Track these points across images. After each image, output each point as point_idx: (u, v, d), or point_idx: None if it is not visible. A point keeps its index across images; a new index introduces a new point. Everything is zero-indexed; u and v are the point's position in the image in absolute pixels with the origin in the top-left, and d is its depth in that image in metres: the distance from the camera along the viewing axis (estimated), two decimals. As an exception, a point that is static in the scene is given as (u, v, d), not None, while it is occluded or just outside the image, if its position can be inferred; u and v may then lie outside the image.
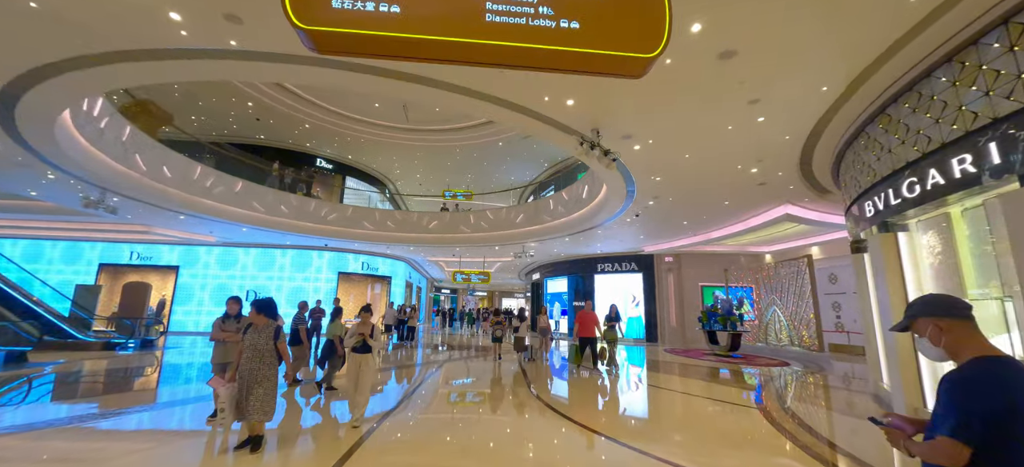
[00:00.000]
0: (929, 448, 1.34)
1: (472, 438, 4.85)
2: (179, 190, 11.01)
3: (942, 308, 1.45)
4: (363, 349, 5.04)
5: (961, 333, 1.41)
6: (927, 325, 1.46)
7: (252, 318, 4.15)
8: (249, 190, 13.26)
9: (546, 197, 14.36)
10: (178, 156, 10.97)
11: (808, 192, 8.74)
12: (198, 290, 17.15)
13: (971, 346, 1.38)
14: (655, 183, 8.34)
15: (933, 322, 1.45)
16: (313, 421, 5.50)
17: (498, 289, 42.77)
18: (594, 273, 18.88)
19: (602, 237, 14.38)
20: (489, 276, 18.64)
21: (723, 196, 9.18)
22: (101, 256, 17.10)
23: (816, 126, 5.94)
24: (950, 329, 1.42)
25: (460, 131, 16.46)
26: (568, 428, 5.19)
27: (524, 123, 6.21)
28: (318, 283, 17.84)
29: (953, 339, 1.41)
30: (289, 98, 14.33)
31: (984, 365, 1.33)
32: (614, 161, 6.03)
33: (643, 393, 7.50)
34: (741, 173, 7.72)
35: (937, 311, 1.45)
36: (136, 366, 9.18)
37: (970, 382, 1.31)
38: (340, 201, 18.32)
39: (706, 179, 8.13)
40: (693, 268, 17.13)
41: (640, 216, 11.04)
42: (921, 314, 1.49)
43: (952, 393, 1.32)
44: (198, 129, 16.93)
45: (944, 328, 1.42)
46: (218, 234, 15.52)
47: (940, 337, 1.43)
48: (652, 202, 9.74)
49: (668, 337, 16.82)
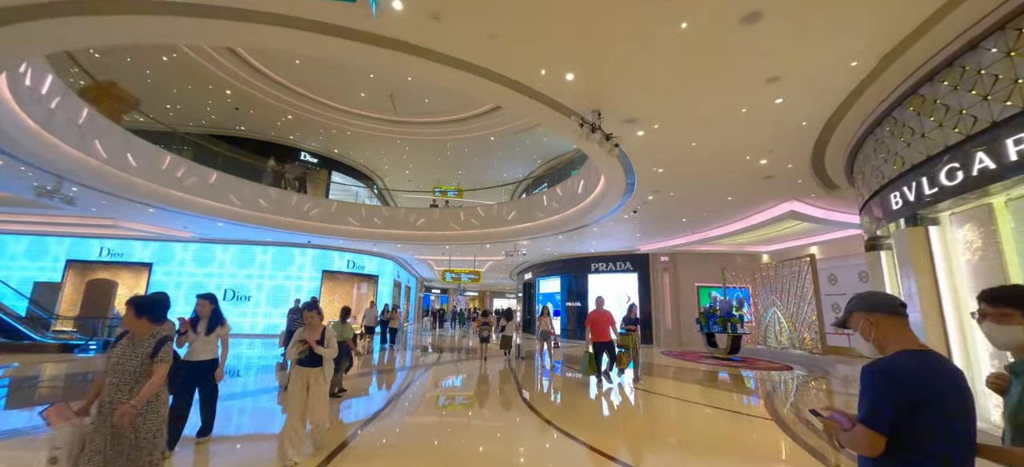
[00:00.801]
0: (850, 437, 1.38)
1: (453, 447, 4.24)
2: (146, 180, 10.22)
3: (873, 304, 1.51)
4: (310, 362, 3.93)
5: (889, 328, 1.46)
6: (859, 320, 1.53)
7: (127, 323, 2.65)
8: (224, 182, 12.48)
9: (539, 193, 13.78)
10: (144, 143, 10.17)
11: (816, 187, 8.28)
12: (172, 289, 16.22)
13: (897, 340, 1.44)
14: (657, 175, 7.81)
15: (865, 317, 1.51)
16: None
17: (489, 289, 42.14)
18: (588, 273, 18.36)
19: (597, 235, 13.85)
20: (479, 275, 18.03)
21: (727, 191, 8.69)
22: (69, 252, 16.10)
23: (837, 110, 5.44)
24: (879, 324, 1.48)
25: (450, 125, 15.81)
26: (569, 449, 4.60)
27: (520, 103, 5.62)
28: (301, 282, 17.07)
29: (882, 334, 1.47)
30: (270, 86, 13.57)
31: (901, 357, 1.37)
32: (616, 147, 5.46)
33: (644, 400, 6.95)
34: (749, 165, 7.21)
35: (869, 307, 1.52)
36: (82, 371, 8.39)
37: (884, 372, 1.35)
38: (326, 197, 17.54)
39: (712, 171, 7.62)
40: (689, 268, 16.69)
41: (638, 212, 10.52)
42: (856, 310, 1.55)
43: (867, 382, 1.36)
44: (175, 119, 16.08)
45: (874, 323, 1.49)
46: (194, 230, 14.69)
47: (870, 331, 1.49)
48: (652, 197, 9.22)
49: (663, 339, 16.36)
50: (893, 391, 1.30)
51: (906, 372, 1.32)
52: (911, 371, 1.32)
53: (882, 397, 1.31)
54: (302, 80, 13.22)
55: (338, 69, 12.42)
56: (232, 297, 16.40)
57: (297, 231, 14.26)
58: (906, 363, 1.35)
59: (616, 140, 5.45)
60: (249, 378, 8.16)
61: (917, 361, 1.35)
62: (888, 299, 1.52)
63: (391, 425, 5.20)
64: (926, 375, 1.31)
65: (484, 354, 11.67)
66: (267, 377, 8.29)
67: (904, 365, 1.34)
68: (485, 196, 18.62)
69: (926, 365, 1.34)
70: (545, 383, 8.61)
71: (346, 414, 5.64)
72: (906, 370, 1.33)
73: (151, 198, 10.64)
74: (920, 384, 1.29)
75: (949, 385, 1.31)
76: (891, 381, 1.32)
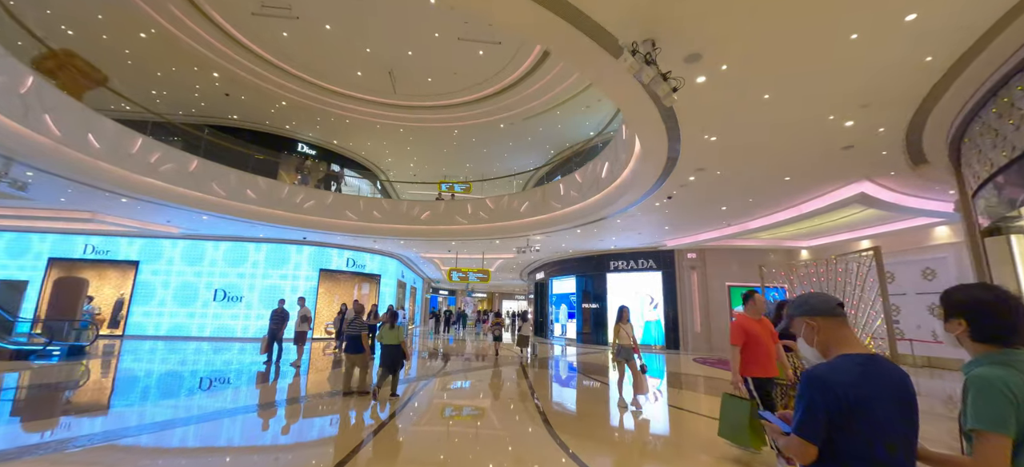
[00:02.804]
0: (787, 442, 1.32)
1: None
2: (112, 164, 9.03)
3: (811, 307, 1.44)
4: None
5: (830, 331, 1.40)
6: (801, 324, 1.46)
7: None
8: (206, 170, 11.28)
9: (556, 181, 12.36)
10: (108, 123, 8.98)
11: (902, 161, 6.76)
12: (160, 288, 15.16)
13: (838, 344, 1.38)
14: (706, 147, 6.35)
15: (805, 321, 1.45)
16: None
17: (498, 290, 40.74)
18: (606, 271, 16.87)
19: (620, 228, 12.38)
20: (488, 274, 16.63)
21: (788, 168, 7.18)
22: (51, 250, 15.11)
23: (976, 43, 3.96)
24: (820, 328, 1.41)
25: (456, 109, 14.48)
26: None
27: (551, 31, 4.19)
28: (297, 282, 15.84)
29: (823, 337, 1.41)
30: (258, 65, 12.36)
31: (838, 363, 1.31)
32: (674, 91, 4.02)
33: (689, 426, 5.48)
34: (829, 129, 5.72)
35: (807, 310, 1.45)
36: (39, 383, 7.18)
37: (816, 379, 1.28)
38: (326, 190, 16.34)
39: (776, 141, 6.13)
40: (719, 265, 15.12)
41: (673, 199, 9.05)
42: (796, 314, 1.48)
43: (802, 388, 1.30)
44: (162, 107, 15.01)
45: (815, 327, 1.42)
46: (179, 224, 13.54)
47: (812, 336, 1.43)
48: (693, 178, 7.75)
49: (691, 344, 14.81)
50: (826, 399, 1.24)
51: (839, 379, 1.26)
52: (845, 377, 1.26)
53: (814, 405, 1.25)
54: (292, 57, 11.98)
55: (330, 45, 11.16)
56: (223, 298, 15.25)
57: (289, 225, 13.04)
58: (842, 369, 1.29)
59: (675, 82, 4.01)
60: (222, 394, 6.85)
61: (854, 366, 1.29)
62: (826, 300, 1.45)
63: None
64: (861, 381, 1.25)
65: (496, 351, 13.07)
66: (244, 392, 6.98)
67: (840, 371, 1.28)
68: (494, 189, 17.24)
69: (863, 370, 1.27)
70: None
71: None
72: (840, 377, 1.26)
73: (120, 186, 9.46)
74: (853, 391, 1.23)
75: (886, 391, 1.25)
76: (824, 389, 1.25)
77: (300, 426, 5.28)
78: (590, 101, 13.71)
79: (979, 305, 1.33)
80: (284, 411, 5.93)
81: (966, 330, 1.34)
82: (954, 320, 1.37)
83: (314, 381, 8.06)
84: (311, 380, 8.13)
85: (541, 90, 12.97)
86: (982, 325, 1.32)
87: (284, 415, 5.72)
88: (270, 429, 5.12)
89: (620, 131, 8.48)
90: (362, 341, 6.59)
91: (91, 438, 4.44)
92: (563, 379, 9.39)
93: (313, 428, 5.23)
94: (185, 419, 5.26)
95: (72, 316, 10.44)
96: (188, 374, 8.26)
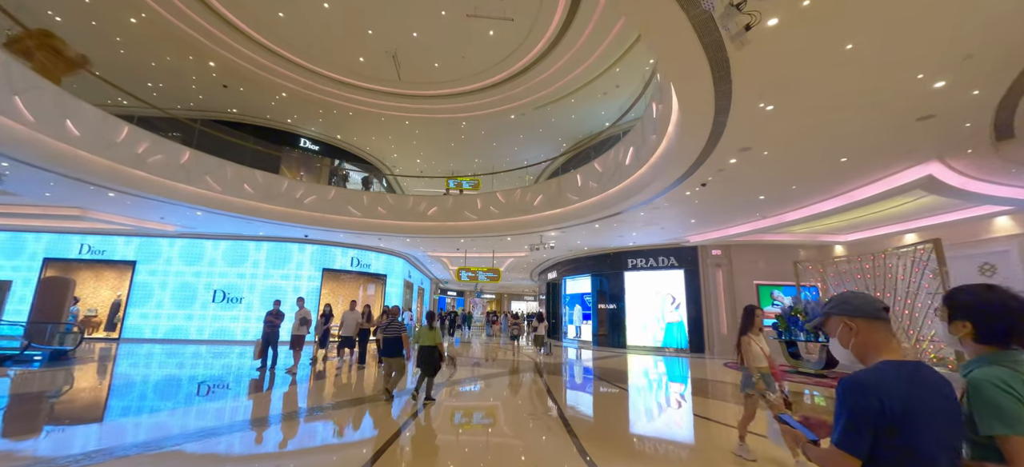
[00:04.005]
0: (820, 455, 1.25)
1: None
2: (93, 154, 8.34)
3: (854, 308, 1.35)
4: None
5: (870, 335, 1.31)
6: (838, 324, 1.38)
7: None
8: (200, 162, 10.59)
9: (573, 172, 11.47)
10: (90, 108, 8.29)
11: (985, 136, 5.78)
12: (157, 289, 14.53)
13: (878, 349, 1.29)
14: (759, 118, 5.42)
15: (843, 321, 1.36)
16: None
17: (507, 291, 39.89)
18: (623, 270, 15.92)
19: (643, 222, 11.45)
20: (499, 274, 15.78)
21: (849, 144, 6.21)
22: (46, 250, 14.57)
23: None
24: (859, 330, 1.32)
25: (464, 98, 13.67)
26: None
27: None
28: (299, 282, 15.14)
29: (861, 341, 1.32)
30: (254, 51, 11.66)
31: (880, 369, 1.22)
32: (746, 29, 3.14)
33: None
34: (914, 89, 4.76)
35: (847, 310, 1.36)
36: (17, 392, 6.47)
37: (860, 387, 1.18)
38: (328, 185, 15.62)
39: (845, 107, 5.18)
40: (746, 262, 14.11)
41: (707, 186, 8.11)
42: (834, 312, 1.40)
43: (842, 398, 1.21)
44: (159, 100, 14.41)
45: (854, 329, 1.33)
46: (174, 221, 12.89)
47: (849, 338, 1.35)
48: (734, 160, 6.82)
49: (718, 347, 13.80)
50: (871, 410, 1.14)
51: (886, 388, 1.15)
52: (892, 387, 1.15)
53: (859, 417, 1.15)
54: (289, 42, 11.25)
55: (329, 26, 10.41)
56: (222, 299, 14.58)
57: (289, 222, 12.31)
58: (887, 377, 1.18)
59: (748, 18, 3.12)
60: (204, 408, 6.07)
61: (900, 374, 1.18)
62: (870, 301, 1.34)
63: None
64: (910, 391, 1.15)
65: (516, 349, 14.69)
66: (234, 406, 6.20)
67: (884, 380, 1.17)
68: (504, 184, 16.38)
69: (911, 379, 1.17)
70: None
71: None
72: (886, 386, 1.16)
73: (105, 178, 8.78)
74: (900, 403, 1.13)
75: (935, 401, 1.16)
76: (869, 399, 1.15)
77: (324, 433, 4.47)
78: (607, 87, 12.82)
79: (985, 307, 1.29)
80: (282, 426, 5.13)
81: (971, 332, 1.31)
82: (959, 322, 1.34)
83: (316, 389, 7.27)
84: (315, 388, 7.34)
85: (556, 75, 12.11)
86: (988, 327, 1.29)
87: (281, 430, 4.92)
88: (264, 443, 4.32)
89: (650, 109, 7.58)
90: (403, 343, 6.43)
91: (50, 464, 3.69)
92: (625, 399, 8.50)
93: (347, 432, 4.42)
94: (148, 443, 4.47)
95: (57, 318, 9.81)
96: (170, 384, 7.51)
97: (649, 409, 6.81)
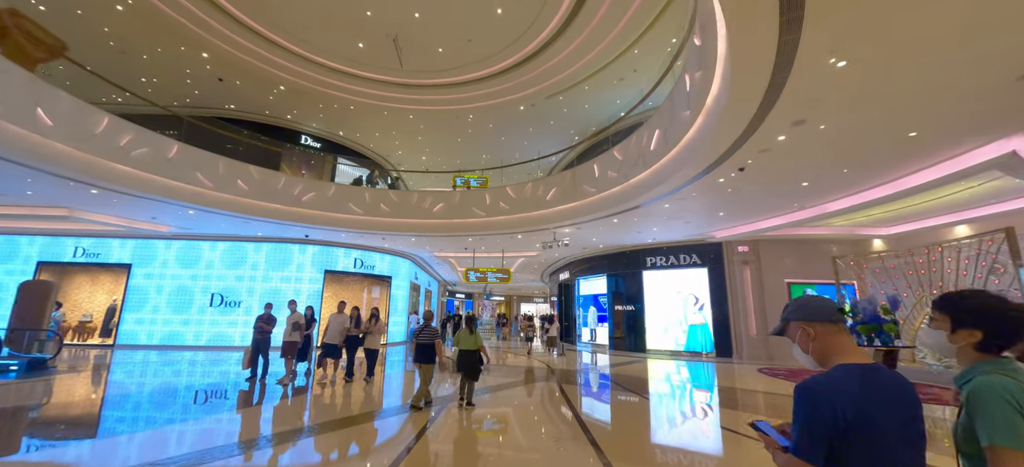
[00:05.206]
0: (784, 462, 1.21)
1: None
2: (71, 147, 7.67)
3: (810, 312, 1.35)
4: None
5: (827, 338, 1.30)
6: (797, 330, 1.37)
7: None
8: (190, 157, 9.91)
9: (589, 162, 10.59)
10: (64, 96, 7.62)
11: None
12: (153, 293, 13.93)
13: (836, 352, 1.28)
14: (826, 77, 4.49)
15: (802, 326, 1.35)
16: None
17: (516, 293, 38.99)
18: (642, 269, 14.96)
19: (667, 215, 10.52)
20: (509, 274, 14.93)
21: (926, 113, 5.25)
22: (40, 253, 14.06)
23: None
24: (818, 335, 1.31)
25: (470, 86, 12.87)
26: None
27: None
28: (300, 284, 14.43)
29: (820, 345, 1.31)
30: (250, 40, 10.99)
31: (832, 374, 1.20)
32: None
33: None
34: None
35: (804, 315, 1.35)
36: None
37: (810, 393, 1.17)
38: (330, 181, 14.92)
39: (932, 64, 4.24)
40: (776, 259, 13.08)
41: (746, 171, 7.18)
42: (792, 318, 1.39)
43: (796, 405, 1.20)
44: (154, 96, 13.87)
45: (812, 334, 1.32)
46: (167, 221, 12.25)
47: (808, 343, 1.33)
48: (784, 136, 5.90)
49: (746, 350, 12.78)
50: (824, 416, 1.13)
51: (838, 393, 1.14)
52: (844, 391, 1.14)
53: (812, 424, 1.14)
54: (285, 27, 10.54)
55: (326, 8, 9.68)
56: (220, 303, 13.92)
57: (287, 220, 11.59)
58: (838, 381, 1.17)
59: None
60: (179, 428, 5.30)
61: (853, 377, 1.17)
62: (826, 305, 1.34)
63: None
64: (862, 393, 1.13)
65: (529, 350, 14.94)
66: (217, 428, 5.42)
67: (836, 384, 1.16)
68: (514, 179, 15.53)
69: (864, 381, 1.15)
70: None
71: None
72: (838, 391, 1.14)
73: (86, 173, 8.10)
74: (853, 405, 1.12)
75: (890, 405, 1.13)
76: (820, 405, 1.14)
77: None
78: (624, 71, 11.94)
79: (999, 316, 1.24)
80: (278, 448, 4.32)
81: (978, 341, 1.26)
82: (967, 330, 1.28)
83: (322, 403, 6.47)
84: (321, 401, 6.55)
85: (568, 59, 11.26)
86: (998, 337, 1.24)
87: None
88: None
89: (682, 82, 6.68)
90: (436, 350, 6.17)
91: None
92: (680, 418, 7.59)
93: None
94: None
95: (39, 325, 9.17)
96: (147, 399, 6.77)
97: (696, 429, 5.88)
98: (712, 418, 6.26)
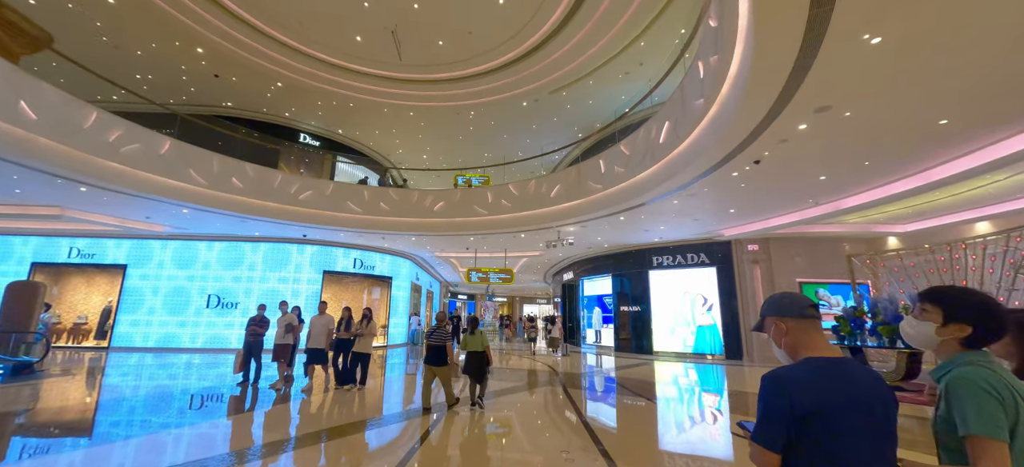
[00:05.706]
0: (751, 452, 1.23)
1: None
2: (57, 142, 7.38)
3: (782, 307, 1.37)
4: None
5: (797, 334, 1.32)
6: (771, 325, 1.39)
7: None
8: (183, 154, 9.62)
9: (595, 157, 10.24)
10: (50, 89, 7.34)
11: None
12: (149, 294, 13.65)
13: (805, 347, 1.30)
14: (859, 54, 4.12)
15: (775, 322, 1.38)
16: None
17: (519, 294, 38.63)
18: (648, 269, 14.58)
19: (675, 212, 10.16)
20: (512, 274, 14.58)
21: (961, 97, 4.88)
22: (34, 254, 13.80)
23: None
24: (789, 330, 1.33)
25: (471, 82, 12.55)
26: None
27: None
28: (298, 285, 14.13)
29: (791, 340, 1.33)
30: (245, 33, 10.71)
31: (797, 366, 1.24)
32: None
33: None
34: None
35: (778, 310, 1.38)
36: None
37: (773, 383, 1.20)
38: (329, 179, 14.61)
39: (974, 40, 3.88)
40: (786, 258, 12.68)
41: (760, 164, 6.82)
42: (767, 314, 1.42)
43: (760, 392, 1.23)
44: (150, 93, 13.61)
45: (784, 329, 1.34)
46: (162, 220, 11.96)
47: (780, 338, 1.36)
48: (805, 125, 5.54)
49: (757, 352, 12.38)
50: (781, 404, 1.15)
51: (796, 382, 1.17)
52: (802, 381, 1.17)
53: (771, 412, 1.17)
54: (280, 21, 10.25)
55: (322, 1, 9.39)
56: (217, 305, 13.63)
57: (284, 219, 11.28)
58: (799, 372, 1.20)
59: None
60: (160, 438, 4.97)
61: (814, 370, 1.19)
62: (796, 300, 1.36)
63: None
64: (820, 385, 1.15)
65: (532, 350, 15.59)
66: (205, 439, 5.09)
67: (799, 376, 1.19)
68: (516, 177, 15.20)
69: (822, 374, 1.18)
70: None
71: None
72: (796, 380, 1.17)
73: (73, 170, 7.81)
74: (810, 395, 1.14)
75: (852, 399, 1.14)
76: (778, 393, 1.17)
77: None
78: (630, 65, 11.59)
79: (989, 312, 1.27)
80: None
81: (968, 335, 1.27)
82: (958, 324, 1.29)
83: (311, 411, 6.14)
84: (311, 406, 6.22)
85: (572, 52, 10.92)
86: (988, 333, 1.27)
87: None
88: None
89: (695, 70, 6.32)
90: (447, 352, 6.08)
91: None
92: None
93: None
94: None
95: (27, 327, 8.87)
96: (133, 406, 6.45)
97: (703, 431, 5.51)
98: (722, 423, 5.91)
